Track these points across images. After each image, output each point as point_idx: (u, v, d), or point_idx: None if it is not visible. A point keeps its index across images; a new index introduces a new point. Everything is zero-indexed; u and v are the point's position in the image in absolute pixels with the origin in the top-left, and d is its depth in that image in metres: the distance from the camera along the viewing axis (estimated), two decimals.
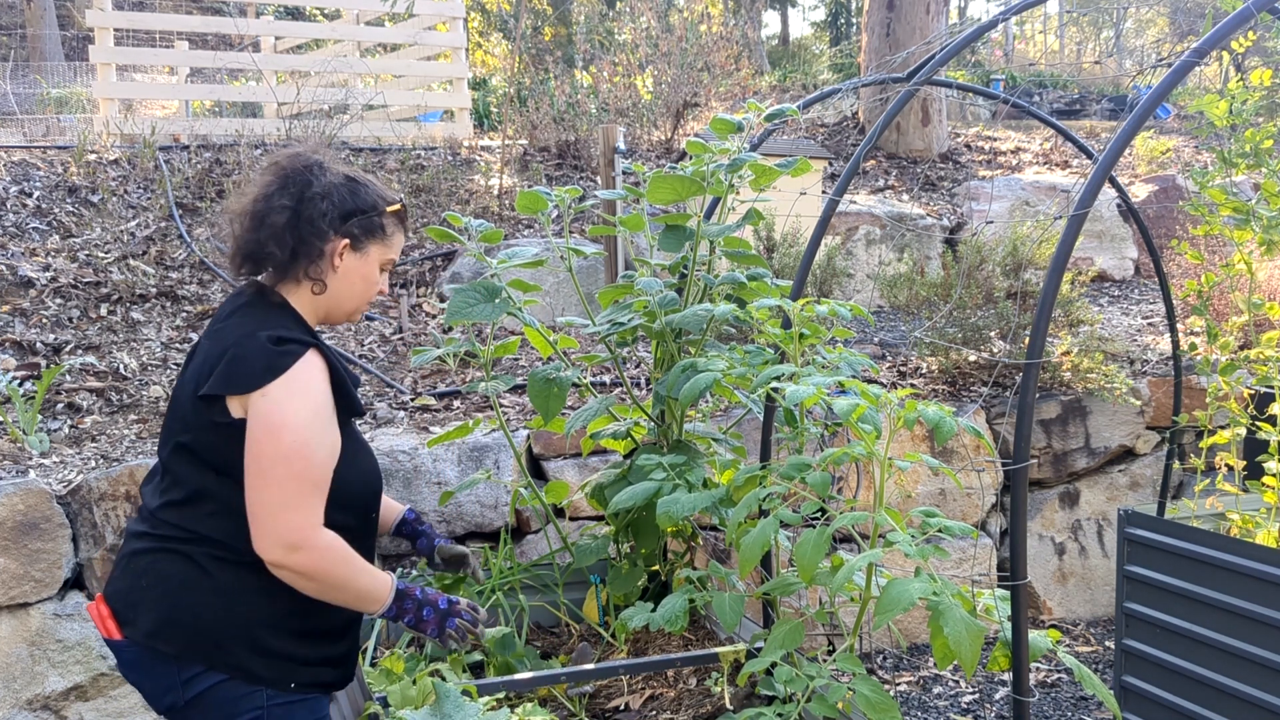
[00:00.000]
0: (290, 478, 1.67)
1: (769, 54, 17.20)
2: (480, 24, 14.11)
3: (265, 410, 1.68)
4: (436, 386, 4.14)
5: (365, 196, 1.88)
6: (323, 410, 1.73)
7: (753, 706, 1.85)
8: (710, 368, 2.09)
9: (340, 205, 1.85)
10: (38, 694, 3.02)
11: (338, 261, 1.85)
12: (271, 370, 1.69)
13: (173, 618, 1.73)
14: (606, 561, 2.50)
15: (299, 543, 1.68)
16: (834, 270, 5.08)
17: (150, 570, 1.77)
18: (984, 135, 8.64)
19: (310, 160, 1.88)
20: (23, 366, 3.94)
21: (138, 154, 5.73)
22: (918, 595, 1.57)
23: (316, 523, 1.70)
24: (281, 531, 1.67)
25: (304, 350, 1.74)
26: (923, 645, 4.06)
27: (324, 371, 1.76)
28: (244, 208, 1.86)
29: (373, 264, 1.90)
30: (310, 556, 1.69)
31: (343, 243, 1.85)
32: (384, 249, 1.91)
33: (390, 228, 1.92)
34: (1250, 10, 1.88)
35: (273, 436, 1.67)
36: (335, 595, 1.75)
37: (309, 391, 1.72)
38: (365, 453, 1.94)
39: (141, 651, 1.75)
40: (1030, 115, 3.34)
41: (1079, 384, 4.37)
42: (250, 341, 1.71)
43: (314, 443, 1.70)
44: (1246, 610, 2.50)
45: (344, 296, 1.89)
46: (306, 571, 1.69)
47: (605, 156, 4.91)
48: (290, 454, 1.67)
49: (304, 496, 1.68)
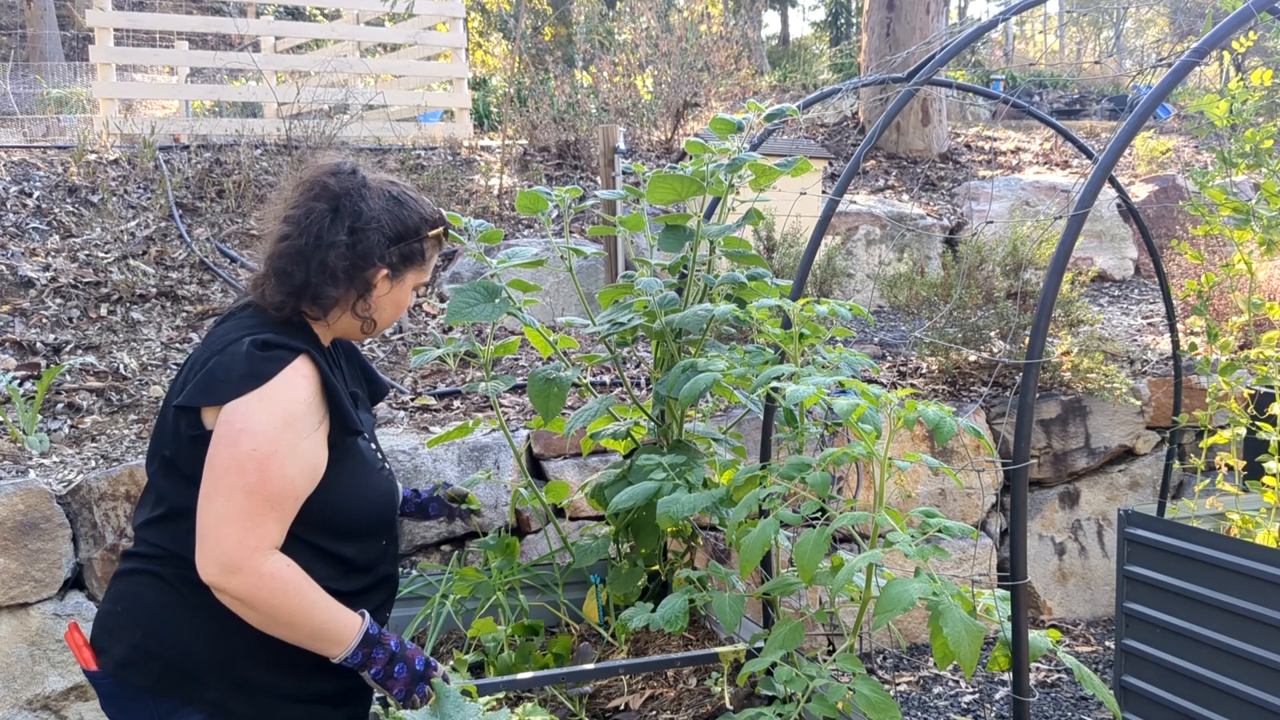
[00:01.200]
0: (241, 489, 1.49)
1: (769, 54, 17.20)
2: (480, 24, 14.11)
3: (230, 414, 1.52)
4: (436, 386, 4.14)
5: (409, 220, 1.73)
6: (298, 421, 1.55)
7: (753, 706, 1.85)
8: (710, 368, 2.09)
9: (383, 231, 1.70)
10: (38, 694, 3.02)
11: (373, 293, 1.72)
12: (253, 378, 1.53)
13: (144, 645, 1.59)
14: (606, 561, 2.50)
15: (237, 564, 1.48)
16: (834, 270, 5.08)
17: (125, 594, 1.63)
18: (984, 135, 8.64)
19: (354, 180, 1.72)
20: (23, 366, 3.94)
21: (138, 154, 5.73)
22: (918, 595, 1.57)
23: (262, 545, 1.51)
24: (221, 548, 1.48)
25: (292, 356, 1.58)
26: (923, 645, 4.06)
27: (312, 380, 1.59)
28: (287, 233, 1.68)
29: (407, 289, 1.77)
30: (248, 582, 1.49)
31: (382, 273, 1.71)
32: (420, 274, 1.78)
33: (430, 252, 1.78)
34: (1250, 10, 1.88)
35: (230, 441, 1.50)
36: (282, 631, 1.55)
37: (284, 398, 1.54)
38: (373, 475, 1.74)
39: (115, 684, 1.61)
40: (1030, 115, 3.34)
41: (1079, 384, 4.37)
42: (234, 348, 1.57)
43: (278, 455, 1.51)
44: (1246, 610, 2.50)
45: (374, 321, 1.77)
46: (244, 598, 1.50)
47: (605, 156, 4.91)
48: (245, 462, 1.49)
49: (253, 513, 1.50)
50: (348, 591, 1.69)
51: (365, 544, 1.72)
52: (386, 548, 1.79)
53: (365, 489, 1.71)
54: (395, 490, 1.82)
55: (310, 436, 1.57)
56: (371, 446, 1.80)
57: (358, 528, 1.69)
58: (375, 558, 1.75)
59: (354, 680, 1.70)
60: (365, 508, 1.70)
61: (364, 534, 1.71)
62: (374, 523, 1.73)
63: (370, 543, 1.73)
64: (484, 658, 2.37)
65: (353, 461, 1.69)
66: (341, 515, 1.65)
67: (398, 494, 1.84)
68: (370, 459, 1.76)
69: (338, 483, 1.64)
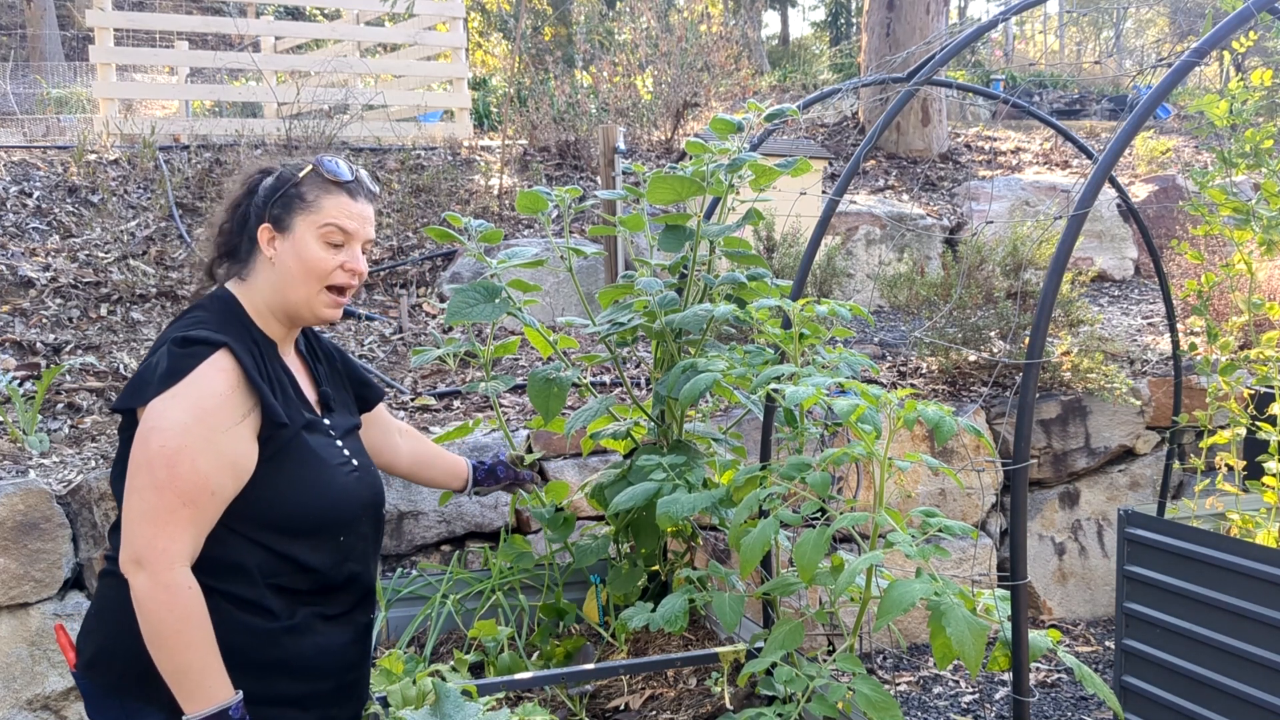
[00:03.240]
0: (151, 486, 1.48)
1: (769, 54, 17.20)
2: (480, 24, 14.12)
3: (147, 414, 1.52)
4: (436, 386, 4.14)
5: (282, 174, 1.71)
6: (211, 416, 1.52)
7: (753, 706, 1.85)
8: (710, 368, 2.09)
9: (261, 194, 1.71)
10: (38, 694, 3.02)
11: (270, 251, 1.68)
12: (171, 375, 1.52)
13: (107, 646, 1.60)
14: (606, 561, 2.50)
15: (145, 561, 1.47)
16: (834, 270, 5.08)
17: (98, 595, 1.66)
18: (984, 135, 8.64)
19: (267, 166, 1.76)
20: (23, 366, 3.94)
21: (138, 154, 5.73)
22: (920, 595, 1.57)
23: (171, 548, 1.48)
24: (135, 545, 1.48)
25: (209, 351, 1.55)
26: (923, 645, 4.06)
27: (230, 373, 1.56)
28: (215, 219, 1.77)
29: (304, 239, 1.67)
30: (146, 583, 1.47)
31: (264, 228, 1.68)
32: (310, 217, 1.68)
33: (311, 193, 1.69)
34: (1250, 10, 1.88)
35: (142, 440, 1.50)
36: (154, 653, 1.50)
37: (197, 394, 1.51)
38: (326, 471, 1.68)
39: (89, 684, 1.62)
40: (1030, 115, 3.34)
41: (1079, 384, 4.37)
42: (162, 348, 1.57)
43: (187, 450, 1.48)
44: (1246, 610, 2.50)
45: (286, 283, 1.68)
46: (139, 598, 1.48)
47: (605, 156, 4.91)
48: (155, 460, 1.48)
49: (163, 510, 1.48)
50: (306, 591, 1.66)
51: (318, 541, 1.66)
52: (348, 545, 1.72)
53: (311, 486, 1.65)
54: (359, 488, 1.74)
55: (229, 430, 1.54)
56: (336, 444, 1.75)
57: (304, 525, 1.64)
58: (333, 557, 1.69)
59: (321, 683, 1.67)
60: (313, 505, 1.64)
61: (314, 532, 1.66)
62: (324, 520, 1.67)
63: (324, 540, 1.67)
64: (484, 658, 2.37)
65: (295, 457, 1.63)
66: (281, 511, 1.61)
67: (365, 492, 1.77)
68: (326, 456, 1.70)
69: (276, 479, 1.60)
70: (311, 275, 1.68)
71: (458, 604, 2.51)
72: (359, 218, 1.73)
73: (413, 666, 2.20)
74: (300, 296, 1.69)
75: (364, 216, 1.74)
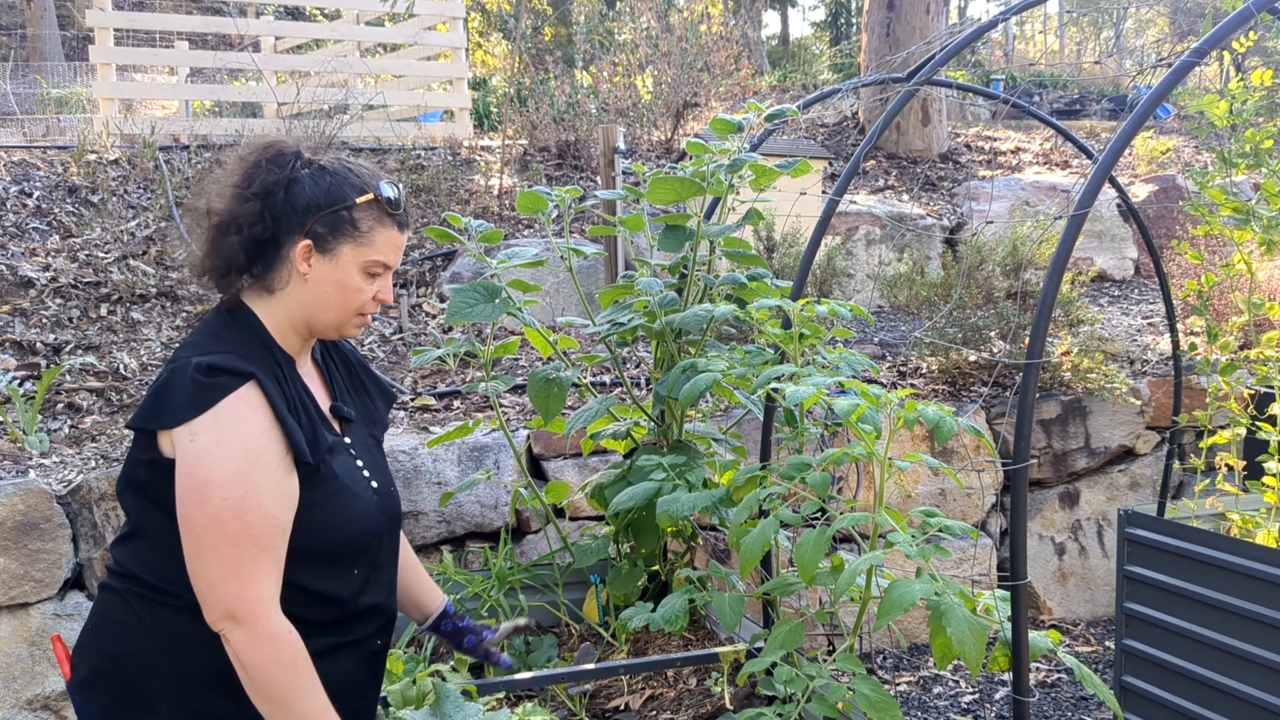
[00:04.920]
0: (225, 542, 1.42)
1: (769, 54, 17.20)
2: (480, 24, 14.11)
3: (191, 462, 1.43)
4: (436, 386, 4.14)
5: (334, 188, 1.57)
6: (262, 456, 1.46)
7: (753, 706, 1.85)
8: (710, 368, 2.09)
9: (302, 200, 1.55)
10: (38, 694, 3.02)
11: (305, 268, 1.56)
12: (195, 405, 1.44)
13: (102, 666, 1.54)
14: (606, 561, 2.50)
15: (239, 614, 1.43)
16: (834, 270, 5.08)
17: (96, 611, 1.59)
18: (984, 135, 8.64)
19: (285, 149, 1.60)
20: (23, 366, 3.93)
21: (138, 154, 5.73)
22: (920, 596, 1.57)
23: (263, 596, 1.44)
24: (226, 604, 1.43)
25: (238, 384, 1.46)
26: (923, 645, 4.06)
27: (263, 408, 1.48)
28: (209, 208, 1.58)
29: (347, 269, 1.57)
30: (247, 638, 1.43)
31: (304, 245, 1.55)
32: (360, 249, 1.57)
33: (365, 223, 1.58)
34: (1250, 10, 1.88)
35: (200, 496, 1.42)
36: (263, 705, 1.45)
37: (241, 436, 1.45)
38: (345, 495, 1.59)
39: (80, 701, 1.56)
40: (1030, 115, 3.34)
41: (1079, 384, 4.37)
42: (182, 370, 1.47)
43: (251, 497, 1.43)
44: (1246, 610, 2.50)
45: (319, 306, 1.58)
46: (240, 654, 1.44)
47: (605, 156, 4.91)
48: (222, 516, 1.42)
49: (245, 561, 1.43)
50: (322, 621, 1.58)
51: (336, 572, 1.59)
52: (368, 573, 1.64)
53: (331, 516, 1.56)
54: (378, 515, 1.65)
55: (280, 464, 1.48)
56: (357, 464, 1.66)
57: (324, 556, 1.56)
58: (350, 589, 1.61)
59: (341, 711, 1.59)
60: (333, 536, 1.57)
61: (334, 562, 1.58)
62: (344, 551, 1.59)
63: (340, 573, 1.59)
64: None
65: (321, 488, 1.55)
66: (304, 543, 1.52)
67: (383, 517, 1.67)
68: (348, 482, 1.61)
69: (313, 507, 1.54)
70: (348, 306, 1.60)
71: (458, 604, 2.51)
72: (400, 249, 1.65)
73: (413, 666, 2.20)
74: (332, 320, 1.61)
75: (403, 247, 1.67)
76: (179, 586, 1.49)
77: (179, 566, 1.47)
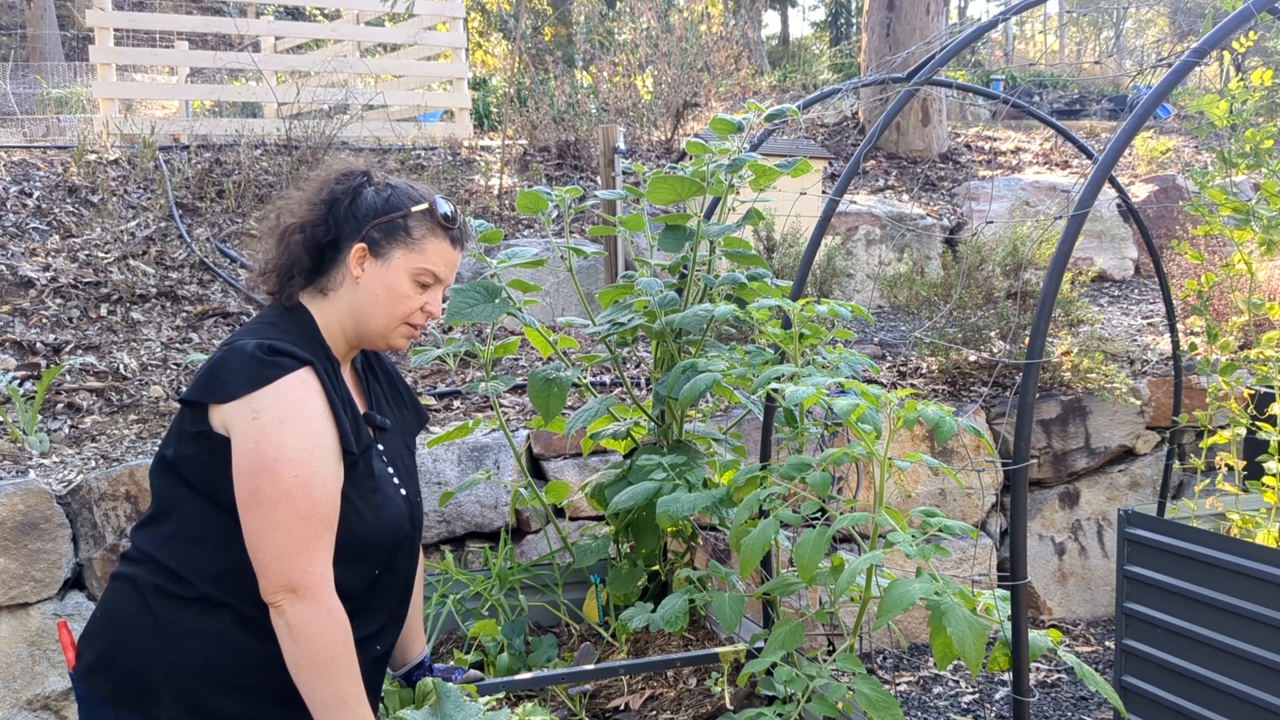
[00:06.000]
0: (295, 518, 1.46)
1: (769, 54, 17.20)
2: (480, 24, 14.12)
3: (256, 438, 1.47)
4: (436, 386, 4.14)
5: (393, 198, 1.68)
6: (322, 439, 1.52)
7: (753, 706, 1.85)
8: (710, 368, 2.09)
9: (363, 208, 1.66)
10: (38, 694, 3.02)
11: (358, 271, 1.64)
12: (253, 380, 1.48)
13: (107, 654, 1.55)
14: (606, 561, 2.50)
15: (302, 586, 1.46)
16: (834, 270, 5.08)
17: (106, 599, 1.60)
18: (984, 135, 8.64)
19: (356, 169, 1.72)
20: (23, 366, 3.93)
21: (138, 154, 5.73)
22: (919, 595, 1.57)
23: (326, 572, 1.49)
24: (290, 577, 1.46)
25: (296, 366, 1.52)
26: (923, 645, 4.06)
27: (319, 395, 1.54)
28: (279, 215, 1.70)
29: (397, 273, 1.65)
30: (309, 611, 1.46)
31: (359, 247, 1.63)
32: (411, 255, 1.65)
33: (419, 230, 1.66)
34: (1250, 10, 1.88)
35: (270, 473, 1.46)
36: (305, 680, 1.47)
37: (304, 417, 1.50)
38: (379, 495, 1.64)
39: (83, 689, 1.57)
40: (1030, 115, 3.34)
41: (1079, 384, 4.37)
42: (240, 346, 1.52)
43: (319, 475, 1.49)
44: (1246, 610, 2.50)
45: (367, 310, 1.65)
46: (297, 626, 1.46)
47: (605, 156, 4.91)
48: (293, 492, 1.46)
49: (313, 539, 1.48)
50: None
51: (350, 568, 1.60)
52: (380, 574, 1.67)
53: (360, 513, 1.60)
54: (401, 522, 1.69)
55: (334, 450, 1.54)
56: (388, 470, 1.71)
57: (344, 551, 1.57)
58: (358, 587, 1.63)
59: None
60: (357, 533, 1.59)
61: (352, 559, 1.60)
62: (366, 550, 1.62)
63: (354, 569, 1.61)
64: (484, 658, 2.37)
65: (357, 484, 1.60)
66: (361, 535, 1.59)
67: (405, 525, 1.70)
68: (381, 483, 1.66)
69: (356, 503, 1.59)
70: (395, 311, 1.66)
71: (457, 604, 2.51)
72: (452, 265, 1.72)
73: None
74: (379, 326, 1.67)
75: (456, 264, 1.74)
76: (194, 574, 1.52)
77: (200, 551, 1.51)
